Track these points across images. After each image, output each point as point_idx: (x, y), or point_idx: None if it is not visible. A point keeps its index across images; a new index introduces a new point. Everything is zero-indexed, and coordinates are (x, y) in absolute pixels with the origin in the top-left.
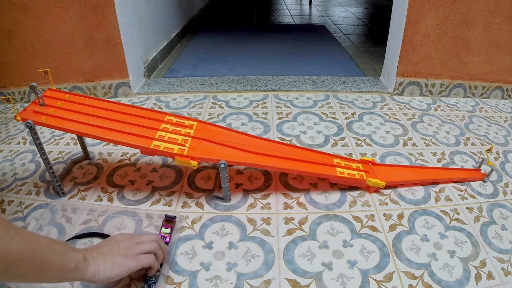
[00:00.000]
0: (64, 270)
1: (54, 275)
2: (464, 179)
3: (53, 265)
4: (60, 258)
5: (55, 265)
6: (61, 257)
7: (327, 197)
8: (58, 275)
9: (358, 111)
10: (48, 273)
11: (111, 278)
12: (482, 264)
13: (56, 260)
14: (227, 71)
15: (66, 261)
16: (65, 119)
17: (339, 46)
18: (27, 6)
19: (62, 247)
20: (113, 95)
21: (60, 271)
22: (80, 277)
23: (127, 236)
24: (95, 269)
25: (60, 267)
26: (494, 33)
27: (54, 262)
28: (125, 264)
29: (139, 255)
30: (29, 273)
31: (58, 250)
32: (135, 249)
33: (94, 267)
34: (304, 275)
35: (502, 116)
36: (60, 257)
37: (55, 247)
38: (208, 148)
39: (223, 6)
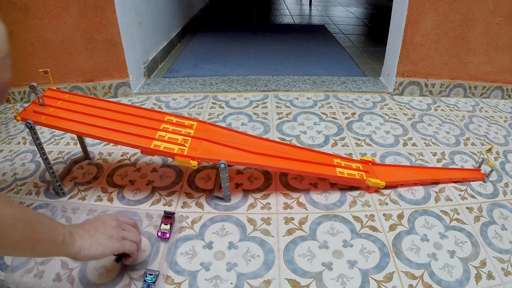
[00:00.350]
0: (52, 243)
1: (44, 248)
2: (464, 179)
3: (44, 236)
4: (49, 230)
5: (45, 237)
6: (50, 229)
7: (327, 197)
8: (47, 248)
9: (358, 111)
10: (39, 245)
11: (95, 256)
12: (482, 264)
13: (45, 230)
14: (227, 71)
15: (55, 234)
16: (65, 119)
17: (339, 46)
18: (27, 6)
19: (50, 220)
20: (113, 95)
21: (49, 243)
22: (66, 252)
23: (113, 217)
24: (81, 245)
25: (49, 239)
26: (494, 33)
27: (45, 233)
28: (110, 244)
29: (124, 239)
30: (21, 243)
31: (47, 222)
32: (121, 232)
33: (80, 243)
34: (304, 275)
35: (502, 116)
36: (49, 228)
37: (44, 219)
38: (208, 148)
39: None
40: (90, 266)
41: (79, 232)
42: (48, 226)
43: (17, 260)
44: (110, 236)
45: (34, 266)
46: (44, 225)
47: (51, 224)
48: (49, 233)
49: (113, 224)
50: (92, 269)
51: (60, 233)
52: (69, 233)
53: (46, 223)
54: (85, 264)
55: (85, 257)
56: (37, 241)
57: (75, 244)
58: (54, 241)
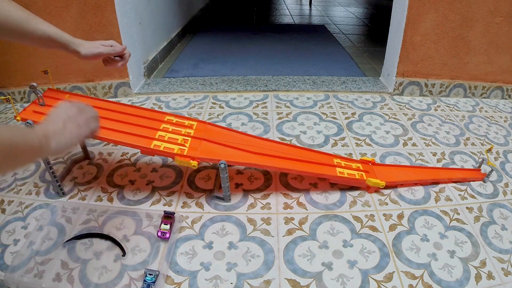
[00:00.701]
0: (31, 151)
1: (24, 158)
2: (464, 179)
3: (22, 149)
4: (24, 141)
5: (23, 149)
6: (25, 140)
7: (327, 197)
8: (28, 157)
9: (358, 111)
10: (19, 158)
11: (71, 147)
12: (482, 264)
13: (21, 143)
14: (227, 71)
15: (31, 143)
16: None
17: (339, 46)
18: (27, 6)
19: (22, 131)
20: (113, 95)
21: (28, 153)
22: (45, 153)
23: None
24: (57, 143)
25: (27, 149)
26: (494, 33)
27: (21, 146)
28: (80, 133)
29: (87, 121)
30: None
31: (19, 134)
32: (84, 115)
33: (55, 142)
34: (304, 275)
35: (502, 116)
36: (24, 140)
37: (16, 132)
38: (208, 148)
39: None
40: (90, 266)
41: (51, 131)
42: (22, 137)
43: (17, 260)
44: (79, 125)
45: (34, 266)
46: (18, 139)
47: (24, 133)
48: (25, 144)
49: (75, 112)
50: (92, 269)
51: (36, 139)
52: (44, 136)
53: (20, 135)
54: (85, 264)
55: (62, 151)
56: (17, 156)
57: (51, 144)
58: (32, 149)
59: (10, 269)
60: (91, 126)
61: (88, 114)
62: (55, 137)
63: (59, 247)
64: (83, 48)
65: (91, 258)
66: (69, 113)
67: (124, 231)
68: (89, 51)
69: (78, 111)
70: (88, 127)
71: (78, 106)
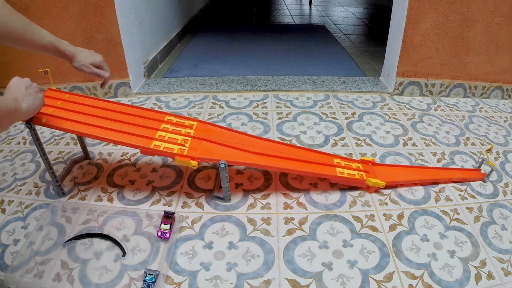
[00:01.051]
0: (9, 114)
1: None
2: (464, 179)
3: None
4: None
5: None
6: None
7: (327, 197)
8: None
9: (358, 111)
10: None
11: (38, 108)
12: (482, 264)
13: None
14: (227, 71)
15: (8, 106)
16: (65, 119)
17: (339, 46)
18: (27, 6)
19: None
20: (113, 95)
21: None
22: (19, 115)
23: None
24: (26, 103)
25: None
26: (494, 33)
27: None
28: (40, 96)
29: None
30: None
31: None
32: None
33: (25, 103)
34: (304, 275)
35: (502, 116)
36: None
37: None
38: (208, 148)
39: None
40: (90, 266)
41: (18, 96)
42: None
43: (17, 260)
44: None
45: (34, 266)
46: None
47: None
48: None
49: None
50: (92, 269)
51: (11, 103)
52: (14, 99)
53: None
54: (85, 264)
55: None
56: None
57: (22, 106)
58: (10, 112)
59: (10, 269)
60: (42, 94)
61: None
62: (23, 99)
63: (59, 247)
64: (76, 62)
65: (91, 258)
66: (24, 82)
67: (124, 231)
68: (79, 66)
69: (29, 82)
70: (41, 92)
71: (26, 79)
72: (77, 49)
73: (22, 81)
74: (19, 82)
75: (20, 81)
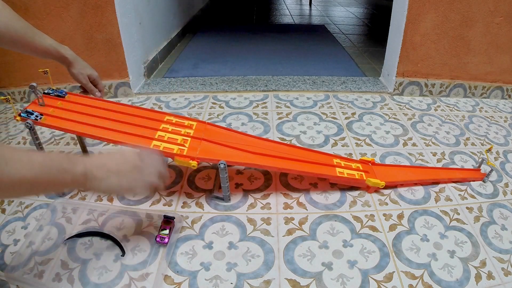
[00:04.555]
0: (66, 186)
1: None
2: (464, 179)
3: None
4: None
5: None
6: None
7: (327, 197)
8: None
9: (358, 111)
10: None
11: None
12: (482, 264)
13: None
14: (227, 71)
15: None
16: (65, 119)
17: (339, 46)
18: (27, 6)
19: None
20: (113, 95)
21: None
22: (78, 188)
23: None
24: (91, 186)
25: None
26: (494, 33)
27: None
28: (119, 193)
29: (134, 188)
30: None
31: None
32: (137, 183)
33: (90, 184)
34: (304, 275)
35: (502, 116)
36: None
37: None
38: (207, 148)
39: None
40: (90, 266)
41: (93, 173)
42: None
43: (17, 260)
44: (120, 185)
45: (34, 266)
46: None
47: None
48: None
49: (128, 169)
50: (92, 269)
51: (69, 178)
52: (83, 175)
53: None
54: (85, 264)
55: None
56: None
57: (87, 185)
58: (61, 184)
59: (10, 269)
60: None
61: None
62: (92, 182)
63: (60, 245)
64: (74, 68)
65: (91, 258)
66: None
67: (124, 231)
68: (77, 73)
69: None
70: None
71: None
72: (76, 56)
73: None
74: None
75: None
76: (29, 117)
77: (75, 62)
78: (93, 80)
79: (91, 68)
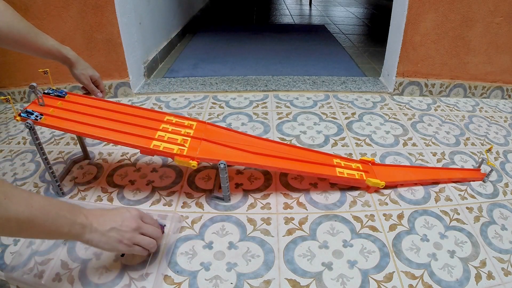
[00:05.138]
0: (61, 235)
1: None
2: (464, 179)
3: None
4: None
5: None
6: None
7: (327, 197)
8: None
9: (358, 111)
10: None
11: (100, 249)
12: (482, 264)
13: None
14: (227, 71)
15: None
16: (65, 119)
17: (339, 46)
18: (27, 6)
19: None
20: (113, 95)
21: (59, 236)
22: (73, 239)
23: (134, 218)
24: (89, 239)
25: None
26: (494, 33)
27: (57, 231)
28: (117, 248)
29: (134, 246)
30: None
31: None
32: (135, 238)
33: (89, 236)
34: (304, 275)
35: (502, 116)
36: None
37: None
38: (207, 148)
39: (223, 6)
40: (90, 266)
41: (93, 226)
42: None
43: (17, 260)
44: (120, 240)
45: (34, 266)
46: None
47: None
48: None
49: (130, 227)
50: (92, 269)
51: (67, 227)
52: (81, 226)
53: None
54: (85, 264)
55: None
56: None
57: (84, 236)
58: (63, 234)
59: (10, 269)
60: (133, 251)
61: (141, 238)
62: (90, 233)
63: (60, 245)
64: (76, 68)
65: (91, 258)
66: (124, 223)
67: None
68: (79, 74)
69: (133, 228)
70: (129, 248)
71: (139, 223)
72: (78, 57)
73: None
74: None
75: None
76: (29, 117)
77: (77, 63)
78: (95, 80)
79: (93, 69)
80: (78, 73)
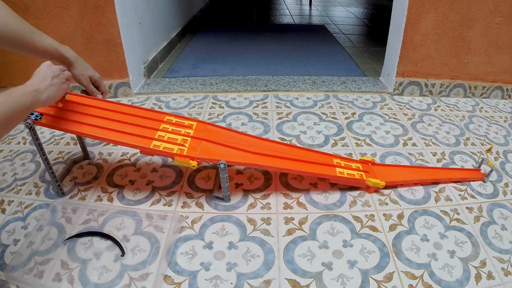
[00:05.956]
0: (24, 111)
1: (18, 119)
2: (464, 179)
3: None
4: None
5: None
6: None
7: (327, 197)
8: (21, 117)
9: (358, 111)
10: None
11: (58, 98)
12: (482, 264)
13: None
14: (227, 71)
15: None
16: (65, 119)
17: (339, 46)
18: (27, 6)
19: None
20: (113, 95)
21: (20, 114)
22: (36, 106)
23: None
24: (48, 94)
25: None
26: (494, 33)
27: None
28: (63, 88)
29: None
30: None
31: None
32: (64, 75)
33: (46, 94)
34: (304, 275)
35: (502, 116)
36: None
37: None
38: (207, 148)
39: (223, 6)
40: (90, 266)
41: (42, 86)
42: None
43: (17, 260)
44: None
45: (34, 266)
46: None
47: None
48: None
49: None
50: (92, 269)
51: (29, 99)
52: (35, 91)
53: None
54: (85, 264)
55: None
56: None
57: (42, 97)
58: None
59: (10, 269)
60: (68, 84)
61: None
62: (45, 90)
63: (60, 245)
64: (76, 69)
65: (91, 258)
66: (53, 71)
67: (124, 231)
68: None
69: (59, 70)
70: (67, 84)
71: (55, 67)
72: (78, 56)
73: (52, 69)
74: (48, 69)
75: (50, 69)
76: (29, 117)
77: (76, 63)
78: (95, 81)
79: (93, 69)
80: (77, 74)
